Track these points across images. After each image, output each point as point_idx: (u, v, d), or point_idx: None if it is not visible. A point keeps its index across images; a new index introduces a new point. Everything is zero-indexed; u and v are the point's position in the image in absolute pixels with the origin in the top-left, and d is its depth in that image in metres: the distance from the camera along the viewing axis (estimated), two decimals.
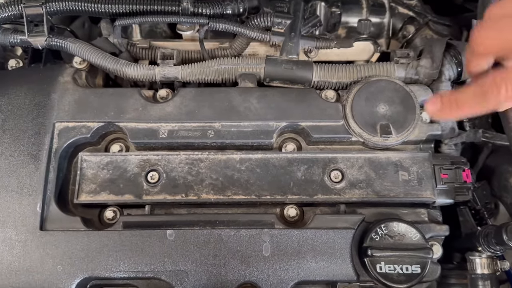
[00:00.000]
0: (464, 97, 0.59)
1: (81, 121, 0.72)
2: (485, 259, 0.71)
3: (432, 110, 0.63)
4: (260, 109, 0.73)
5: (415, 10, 0.94)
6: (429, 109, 0.63)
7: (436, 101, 0.62)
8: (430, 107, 0.63)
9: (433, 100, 0.62)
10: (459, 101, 0.60)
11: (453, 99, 0.60)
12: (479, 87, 0.57)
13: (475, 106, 0.59)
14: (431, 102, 0.63)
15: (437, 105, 0.62)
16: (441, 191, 0.71)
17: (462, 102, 0.60)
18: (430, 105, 0.63)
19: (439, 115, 0.64)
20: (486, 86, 0.56)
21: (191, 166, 0.70)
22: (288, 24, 0.78)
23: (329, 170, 0.71)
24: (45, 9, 0.75)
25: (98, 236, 0.66)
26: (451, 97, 0.61)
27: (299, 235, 0.66)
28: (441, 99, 0.61)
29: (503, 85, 0.55)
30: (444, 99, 0.61)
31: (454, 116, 0.68)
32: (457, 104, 0.60)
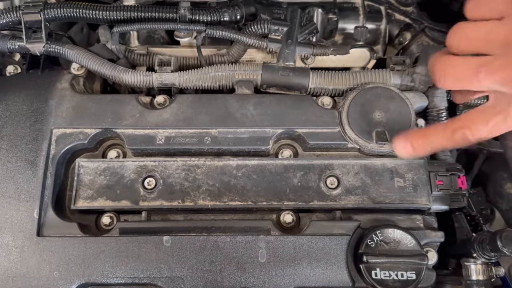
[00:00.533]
0: (434, 142, 0.63)
1: (78, 127, 0.72)
2: (480, 265, 0.72)
3: (402, 153, 0.66)
4: (257, 116, 0.73)
5: (412, 17, 0.95)
6: (399, 152, 0.66)
7: (406, 145, 0.65)
8: (401, 150, 0.66)
9: (402, 143, 0.65)
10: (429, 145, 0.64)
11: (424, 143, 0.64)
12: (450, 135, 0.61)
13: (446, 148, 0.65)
14: (400, 145, 0.66)
15: (408, 148, 0.65)
16: (436, 197, 0.71)
17: (433, 146, 0.64)
18: (400, 148, 0.66)
19: (410, 157, 0.67)
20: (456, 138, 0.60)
21: (188, 172, 0.71)
22: (285, 31, 0.78)
23: (325, 176, 0.71)
24: (44, 15, 0.75)
25: (95, 242, 0.66)
26: (421, 142, 0.64)
27: (295, 242, 0.67)
28: (411, 142, 0.64)
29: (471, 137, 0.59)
30: (414, 143, 0.64)
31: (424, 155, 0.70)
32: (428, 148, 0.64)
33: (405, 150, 0.65)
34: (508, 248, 0.65)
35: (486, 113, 0.59)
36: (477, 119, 0.59)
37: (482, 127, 0.58)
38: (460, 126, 0.60)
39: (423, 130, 0.67)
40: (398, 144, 0.66)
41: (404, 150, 0.65)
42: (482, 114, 0.59)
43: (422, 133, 0.65)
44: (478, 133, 0.59)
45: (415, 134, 0.65)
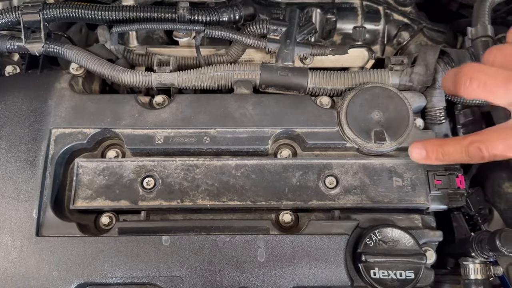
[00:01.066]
0: (449, 153, 0.63)
1: (77, 127, 0.72)
2: (479, 264, 0.72)
3: (416, 157, 0.67)
4: (256, 116, 0.73)
5: (410, 17, 0.95)
6: (414, 156, 0.67)
7: (421, 149, 0.66)
8: (416, 155, 0.67)
9: (418, 148, 0.66)
10: (445, 155, 0.64)
11: (439, 152, 0.64)
12: (465, 148, 0.61)
13: (459, 161, 0.64)
14: (416, 149, 0.67)
15: (423, 154, 0.66)
16: (434, 197, 0.71)
17: (448, 156, 0.64)
18: (415, 152, 0.67)
19: (423, 162, 0.68)
20: (471, 152, 0.60)
21: (187, 172, 0.71)
22: (283, 31, 0.79)
23: (323, 176, 0.71)
24: (42, 16, 0.76)
25: (94, 242, 0.66)
26: (437, 150, 0.65)
27: (294, 241, 0.67)
28: (426, 149, 0.66)
29: (486, 153, 0.59)
30: (429, 150, 0.65)
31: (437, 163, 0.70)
32: (443, 157, 0.64)
33: (420, 156, 0.66)
34: (507, 247, 0.65)
35: (505, 131, 0.59)
36: (495, 135, 0.59)
37: (499, 144, 0.58)
38: (477, 140, 0.60)
39: (440, 139, 0.68)
40: (414, 148, 0.67)
41: (418, 155, 0.66)
42: (501, 132, 0.60)
43: (438, 141, 0.66)
44: (493, 149, 0.59)
45: (431, 142, 0.67)
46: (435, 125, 0.77)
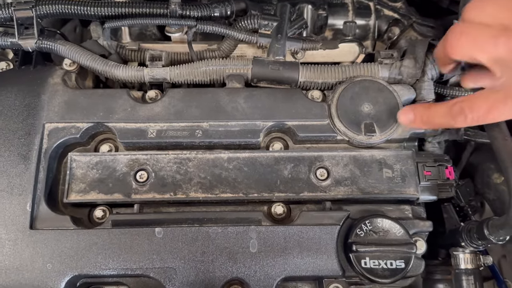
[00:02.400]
0: (435, 115, 0.66)
1: (70, 122, 0.72)
2: (469, 254, 0.73)
3: (404, 120, 0.70)
4: (247, 109, 0.74)
5: (400, 12, 0.96)
6: (401, 119, 0.70)
7: (409, 112, 0.69)
8: (403, 117, 0.70)
9: (406, 111, 0.70)
10: (430, 117, 0.66)
11: (425, 114, 0.67)
12: (448, 109, 0.63)
13: (444, 124, 0.66)
14: (404, 112, 0.70)
15: (410, 116, 0.69)
16: (424, 188, 0.72)
17: (433, 119, 0.66)
18: (403, 115, 0.70)
19: (410, 125, 0.70)
20: (454, 112, 0.62)
21: (180, 165, 0.72)
22: (274, 26, 0.79)
23: (315, 168, 0.72)
24: (35, 12, 0.76)
25: (87, 235, 0.67)
26: (423, 112, 0.67)
27: (286, 232, 0.67)
28: (414, 112, 0.69)
29: (469, 114, 0.60)
30: (416, 112, 0.68)
31: (424, 128, 0.73)
32: (428, 119, 0.67)
33: (407, 117, 0.69)
34: (494, 236, 0.67)
35: (487, 92, 0.61)
36: (478, 96, 0.61)
37: (481, 103, 0.59)
38: (461, 100, 0.62)
39: (428, 104, 0.71)
40: (402, 112, 0.70)
41: (406, 117, 0.69)
42: (483, 93, 0.61)
43: (426, 105, 0.69)
44: (476, 110, 0.60)
45: (419, 105, 0.71)
46: None
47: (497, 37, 0.56)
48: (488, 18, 0.58)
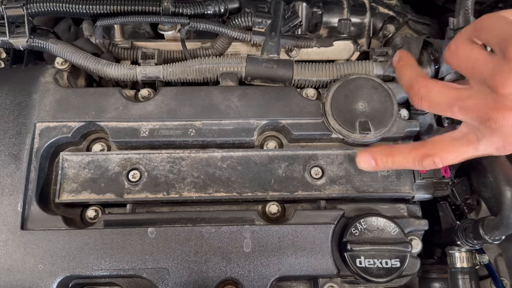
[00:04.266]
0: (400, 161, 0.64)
1: (62, 121, 0.72)
2: (464, 253, 0.72)
3: (365, 166, 0.67)
4: (241, 107, 0.74)
5: (395, 9, 0.96)
6: (362, 165, 0.67)
7: (370, 159, 0.66)
8: (364, 164, 0.67)
9: (366, 157, 0.66)
10: (394, 163, 0.65)
11: (389, 160, 0.65)
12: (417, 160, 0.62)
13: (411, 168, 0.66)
14: (364, 158, 0.67)
15: (371, 163, 0.66)
16: (419, 186, 0.72)
17: (398, 165, 0.65)
18: (363, 162, 0.67)
19: (371, 170, 0.68)
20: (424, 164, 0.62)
21: (173, 164, 0.71)
22: (268, 24, 0.79)
23: (309, 166, 0.71)
24: (26, 10, 0.75)
25: (79, 235, 0.66)
26: (387, 159, 0.65)
27: (280, 231, 0.67)
28: (374, 157, 0.66)
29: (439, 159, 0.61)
30: (377, 157, 0.65)
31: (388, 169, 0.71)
32: (392, 165, 0.65)
33: (368, 164, 0.66)
34: (490, 235, 0.66)
35: (456, 143, 0.60)
36: (448, 148, 0.60)
37: (452, 157, 0.60)
38: (430, 153, 0.61)
39: (389, 148, 0.67)
40: (362, 157, 0.67)
41: (367, 164, 0.67)
42: (452, 144, 0.60)
43: (387, 151, 0.65)
44: (447, 161, 0.61)
45: (379, 150, 0.66)
46: (420, 115, 0.77)
47: (452, 106, 0.58)
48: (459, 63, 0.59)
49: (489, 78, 0.54)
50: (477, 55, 0.57)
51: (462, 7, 0.76)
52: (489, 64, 0.55)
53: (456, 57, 0.59)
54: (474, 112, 0.56)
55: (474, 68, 0.57)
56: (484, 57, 0.56)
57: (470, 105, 0.56)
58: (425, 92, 0.60)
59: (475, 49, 0.58)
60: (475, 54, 0.57)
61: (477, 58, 0.57)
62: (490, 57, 0.56)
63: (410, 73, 0.65)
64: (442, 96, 0.59)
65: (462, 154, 0.60)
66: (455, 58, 0.59)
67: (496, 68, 0.54)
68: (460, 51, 0.59)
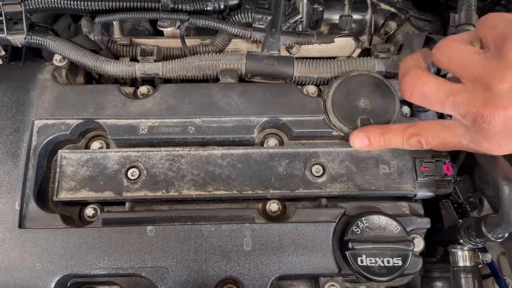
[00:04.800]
0: (392, 140, 0.65)
1: (60, 118, 0.71)
2: (467, 251, 0.72)
3: (359, 145, 0.68)
4: (241, 104, 0.73)
5: (397, 6, 0.95)
6: (356, 144, 0.68)
7: (363, 137, 0.67)
8: (358, 143, 0.68)
9: (360, 136, 0.67)
10: (386, 142, 0.66)
11: (381, 140, 0.66)
12: (403, 138, 0.64)
13: (400, 147, 0.66)
14: (358, 138, 0.68)
15: (365, 141, 0.67)
16: (421, 184, 0.71)
17: (389, 143, 0.66)
18: (358, 141, 0.68)
19: (366, 149, 0.69)
20: (411, 143, 0.63)
21: (172, 162, 0.70)
22: (268, 20, 0.78)
23: (310, 164, 0.71)
24: (24, 6, 0.74)
25: (77, 233, 0.65)
26: (379, 138, 0.66)
27: (280, 229, 0.66)
28: (368, 135, 0.67)
29: (425, 145, 0.62)
30: (371, 136, 0.66)
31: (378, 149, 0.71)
32: (384, 144, 0.66)
33: (362, 143, 0.67)
34: (492, 233, 0.65)
35: (444, 132, 0.61)
36: (434, 133, 0.62)
37: (437, 142, 0.62)
38: (418, 133, 0.63)
39: (381, 127, 0.68)
40: (356, 136, 0.68)
41: (361, 143, 0.67)
42: (440, 131, 0.61)
43: (380, 130, 0.67)
44: (431, 145, 0.63)
45: (373, 130, 0.67)
46: (422, 112, 0.76)
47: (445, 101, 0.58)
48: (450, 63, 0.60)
49: (482, 74, 0.54)
50: (468, 53, 0.57)
51: (464, 3, 0.76)
52: (481, 61, 0.55)
53: (446, 56, 0.59)
54: (465, 108, 0.56)
55: (465, 66, 0.56)
56: (475, 55, 0.56)
57: (462, 101, 0.56)
58: (418, 84, 0.60)
59: (465, 47, 0.58)
60: (465, 52, 0.57)
61: (468, 56, 0.57)
62: (482, 55, 0.55)
63: (408, 64, 0.65)
64: (435, 90, 0.59)
65: (446, 142, 0.61)
66: (445, 57, 0.59)
67: (490, 65, 0.53)
68: (451, 50, 0.59)
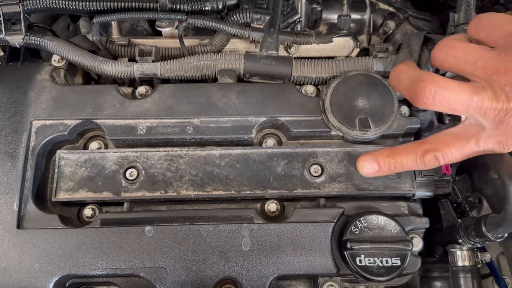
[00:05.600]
0: (403, 161, 0.62)
1: (58, 119, 0.71)
2: (466, 251, 0.72)
3: (367, 172, 0.65)
4: (239, 105, 0.73)
5: (396, 5, 0.95)
6: (364, 171, 0.65)
7: (372, 163, 0.64)
8: (367, 170, 0.64)
9: (369, 161, 0.64)
10: (398, 165, 0.62)
11: (392, 162, 0.62)
12: (419, 157, 0.60)
13: (415, 169, 0.63)
14: (366, 163, 0.64)
15: (374, 168, 0.64)
16: (420, 183, 0.71)
17: (402, 166, 0.62)
18: (366, 167, 0.64)
19: (374, 175, 0.65)
20: (426, 161, 0.60)
21: (170, 162, 0.70)
22: (267, 20, 0.78)
23: (308, 164, 0.70)
24: (22, 7, 0.74)
25: (75, 234, 0.65)
26: (390, 160, 0.62)
27: (278, 229, 0.66)
28: (377, 161, 0.63)
29: (442, 160, 0.59)
30: (380, 161, 0.63)
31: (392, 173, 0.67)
32: (395, 167, 0.63)
33: (371, 170, 0.64)
34: (492, 233, 0.65)
35: (459, 138, 0.59)
36: (449, 143, 0.59)
37: (456, 152, 0.59)
38: (433, 149, 0.59)
39: (390, 149, 0.64)
40: (364, 162, 0.65)
41: (370, 170, 0.64)
42: (455, 139, 0.59)
43: (389, 152, 0.63)
44: (451, 157, 0.59)
45: (382, 153, 0.64)
46: (420, 112, 0.76)
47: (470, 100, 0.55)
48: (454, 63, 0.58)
49: (500, 70, 0.52)
50: (478, 51, 0.56)
51: (464, 3, 0.75)
52: (495, 58, 0.54)
53: (451, 56, 0.57)
54: (488, 105, 0.54)
55: (477, 64, 0.55)
56: (486, 52, 0.55)
57: (485, 99, 0.54)
58: (439, 89, 0.56)
59: (472, 46, 0.57)
60: (474, 51, 0.56)
61: (479, 54, 0.55)
62: (493, 52, 0.55)
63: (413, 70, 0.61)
64: (458, 92, 0.55)
65: (463, 149, 0.58)
66: (450, 57, 0.57)
67: (506, 60, 0.52)
68: (456, 50, 0.57)
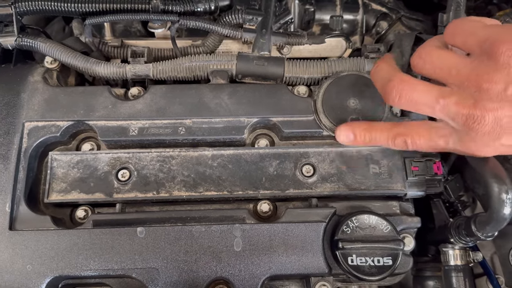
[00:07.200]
0: (377, 137, 0.65)
1: (50, 120, 0.71)
2: (458, 250, 0.72)
3: (343, 139, 0.67)
4: (231, 105, 0.73)
5: (388, 6, 0.95)
6: (341, 138, 0.68)
7: (349, 132, 0.66)
8: (343, 137, 0.67)
9: (346, 130, 0.67)
10: (371, 139, 0.65)
11: (367, 136, 0.65)
12: (389, 137, 0.63)
13: (385, 146, 0.65)
14: (344, 131, 0.67)
15: (350, 137, 0.66)
16: (412, 183, 0.71)
17: (374, 141, 0.65)
18: (343, 135, 0.67)
19: (350, 144, 0.68)
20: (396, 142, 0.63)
21: (163, 163, 0.70)
22: (259, 21, 0.78)
23: (300, 164, 0.71)
24: (15, 9, 0.74)
25: (67, 235, 0.65)
26: (364, 134, 0.66)
27: (270, 229, 0.66)
28: (354, 131, 0.66)
29: (410, 146, 0.62)
30: (356, 132, 0.66)
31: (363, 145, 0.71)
32: (369, 141, 0.66)
33: (347, 138, 0.67)
34: (482, 232, 0.65)
35: (431, 132, 0.60)
36: (420, 133, 0.61)
37: (424, 143, 0.61)
38: (404, 133, 0.62)
39: (368, 123, 0.67)
40: (342, 130, 0.67)
41: (346, 138, 0.67)
42: (427, 132, 0.61)
43: (366, 126, 0.66)
44: (418, 146, 0.62)
45: (359, 126, 0.67)
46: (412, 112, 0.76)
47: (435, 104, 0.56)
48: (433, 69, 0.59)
49: (471, 77, 0.53)
50: (452, 59, 0.56)
51: (453, 3, 0.76)
52: (468, 65, 0.54)
53: (428, 63, 0.58)
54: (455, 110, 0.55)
55: (451, 71, 0.56)
56: (459, 59, 0.56)
57: (452, 103, 0.55)
58: (405, 88, 0.58)
59: (446, 53, 0.57)
60: (449, 58, 0.57)
61: (453, 62, 0.56)
62: (467, 59, 0.55)
63: (388, 69, 0.63)
64: (424, 94, 0.57)
65: (431, 143, 0.61)
66: (428, 64, 0.58)
67: (478, 67, 0.53)
68: (433, 57, 0.58)
